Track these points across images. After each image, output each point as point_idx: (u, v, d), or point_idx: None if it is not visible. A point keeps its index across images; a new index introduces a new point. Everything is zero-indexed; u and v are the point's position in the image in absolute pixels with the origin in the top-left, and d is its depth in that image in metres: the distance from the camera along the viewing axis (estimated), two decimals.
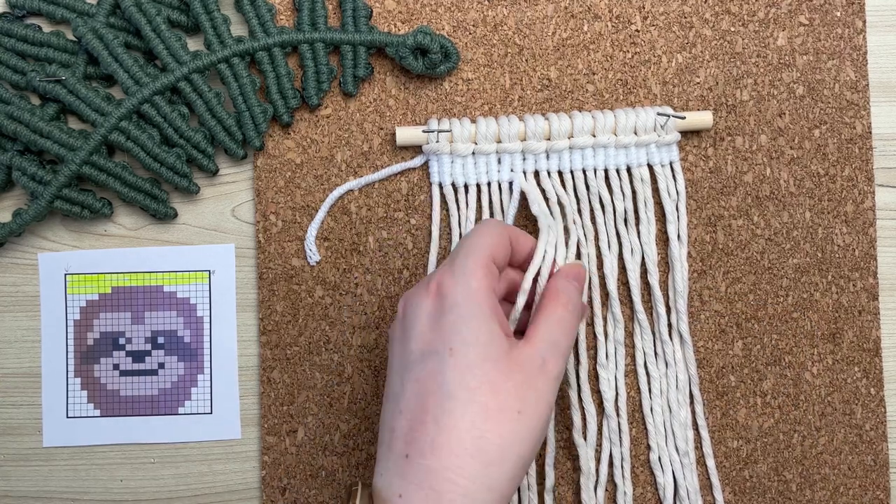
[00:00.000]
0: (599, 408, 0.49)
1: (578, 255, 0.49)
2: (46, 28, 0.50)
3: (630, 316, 0.50)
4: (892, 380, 0.51)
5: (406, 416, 0.38)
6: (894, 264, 0.51)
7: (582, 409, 0.48)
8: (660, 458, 0.49)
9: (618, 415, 0.49)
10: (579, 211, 0.49)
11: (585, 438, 0.48)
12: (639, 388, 0.50)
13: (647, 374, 0.49)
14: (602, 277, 0.49)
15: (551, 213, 0.48)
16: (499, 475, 0.37)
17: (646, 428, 0.50)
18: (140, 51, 0.49)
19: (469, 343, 0.38)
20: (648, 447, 0.50)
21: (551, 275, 0.43)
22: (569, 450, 0.49)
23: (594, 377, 0.49)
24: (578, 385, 0.49)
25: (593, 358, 0.49)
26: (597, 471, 0.49)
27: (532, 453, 0.38)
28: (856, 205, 0.50)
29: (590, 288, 0.49)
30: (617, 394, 0.49)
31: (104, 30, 0.47)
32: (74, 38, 0.49)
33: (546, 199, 0.49)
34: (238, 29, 0.50)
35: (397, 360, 0.40)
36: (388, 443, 0.39)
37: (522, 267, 0.44)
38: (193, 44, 0.50)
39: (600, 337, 0.49)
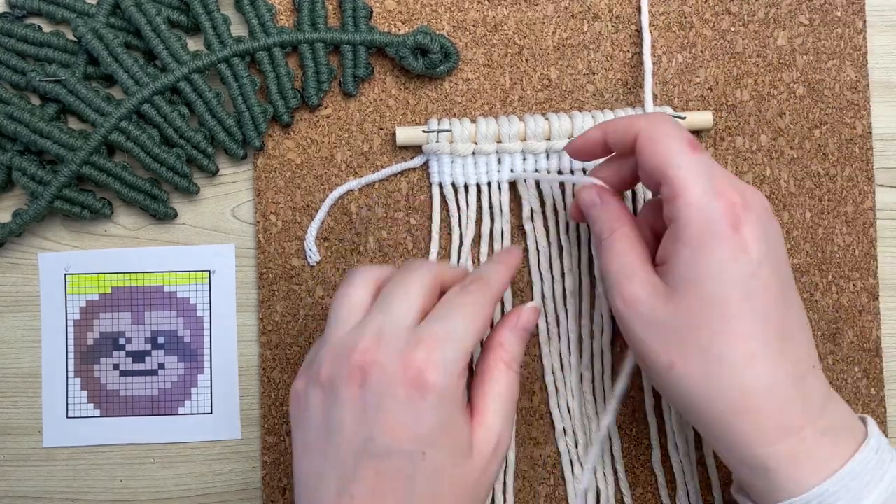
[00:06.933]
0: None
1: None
2: (46, 28, 0.50)
3: None
4: (892, 380, 0.51)
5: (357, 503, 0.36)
6: (894, 264, 0.51)
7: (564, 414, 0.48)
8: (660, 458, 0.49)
9: (598, 418, 0.48)
10: None
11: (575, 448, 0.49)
12: (640, 388, 0.50)
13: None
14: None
15: (546, 221, 0.48)
16: None
17: (647, 427, 0.49)
18: (140, 51, 0.49)
19: (444, 448, 0.36)
20: (650, 446, 0.49)
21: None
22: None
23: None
24: (569, 392, 0.49)
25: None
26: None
27: None
28: (856, 205, 0.50)
29: (580, 292, 0.49)
30: (604, 396, 0.49)
31: (104, 30, 0.47)
32: (74, 38, 0.49)
33: (543, 204, 0.49)
34: (238, 29, 0.50)
35: (350, 433, 0.36)
36: None
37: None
38: (193, 44, 0.50)
39: (586, 340, 0.49)
